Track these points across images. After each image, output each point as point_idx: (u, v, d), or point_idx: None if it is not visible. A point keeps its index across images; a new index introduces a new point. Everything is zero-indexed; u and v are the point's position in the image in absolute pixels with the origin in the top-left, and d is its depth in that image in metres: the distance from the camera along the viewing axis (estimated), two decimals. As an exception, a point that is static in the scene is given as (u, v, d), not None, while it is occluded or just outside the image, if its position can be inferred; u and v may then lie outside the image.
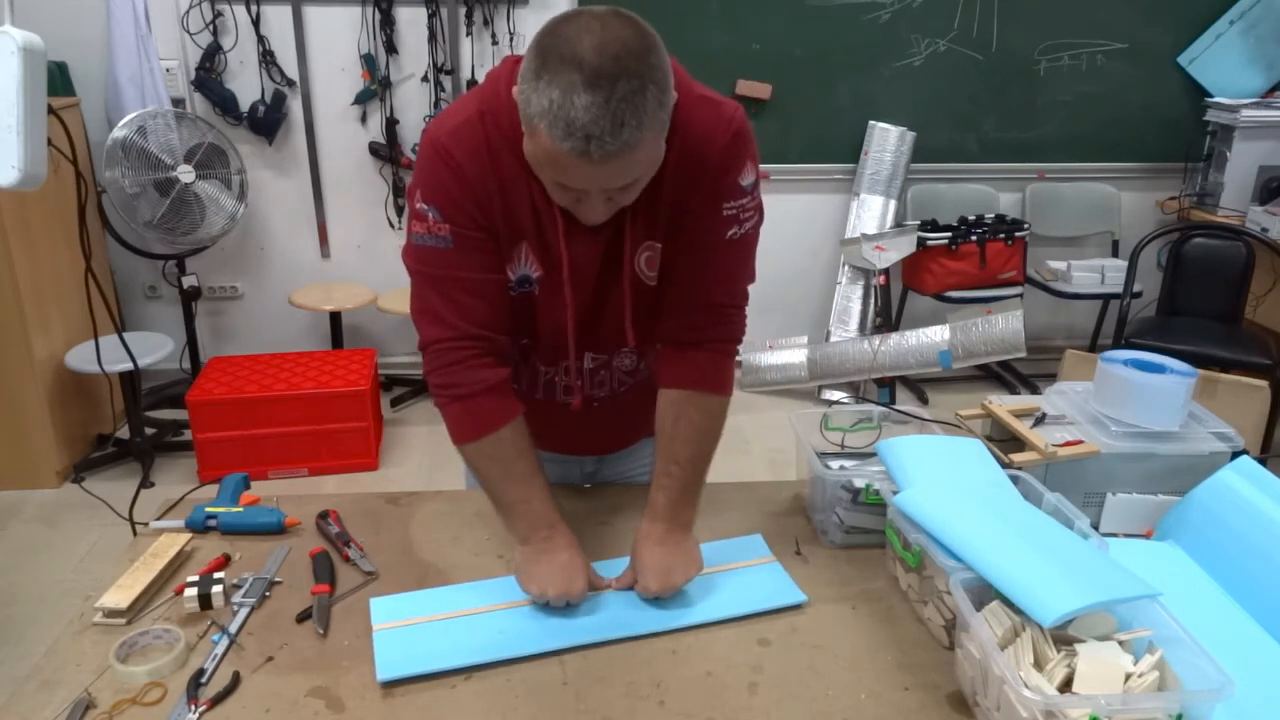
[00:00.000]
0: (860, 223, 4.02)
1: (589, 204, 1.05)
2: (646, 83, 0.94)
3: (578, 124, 0.92)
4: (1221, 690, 0.88)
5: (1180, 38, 3.97)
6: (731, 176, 1.17)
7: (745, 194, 1.19)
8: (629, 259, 1.18)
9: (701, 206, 1.17)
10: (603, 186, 1.02)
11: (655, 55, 0.96)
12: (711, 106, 1.15)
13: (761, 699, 1.04)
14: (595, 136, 0.92)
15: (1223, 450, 1.33)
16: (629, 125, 0.93)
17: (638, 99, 0.93)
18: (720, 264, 1.22)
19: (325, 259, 3.96)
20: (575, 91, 0.92)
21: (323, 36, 3.64)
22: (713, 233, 1.19)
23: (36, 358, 3.12)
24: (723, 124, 1.15)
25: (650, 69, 0.95)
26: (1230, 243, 3.49)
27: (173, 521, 1.35)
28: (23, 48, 1.21)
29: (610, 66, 0.92)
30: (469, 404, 1.17)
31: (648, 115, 0.95)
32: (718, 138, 1.14)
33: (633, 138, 0.94)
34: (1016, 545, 1.06)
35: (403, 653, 1.09)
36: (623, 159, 0.96)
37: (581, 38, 0.93)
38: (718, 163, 1.15)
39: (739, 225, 1.20)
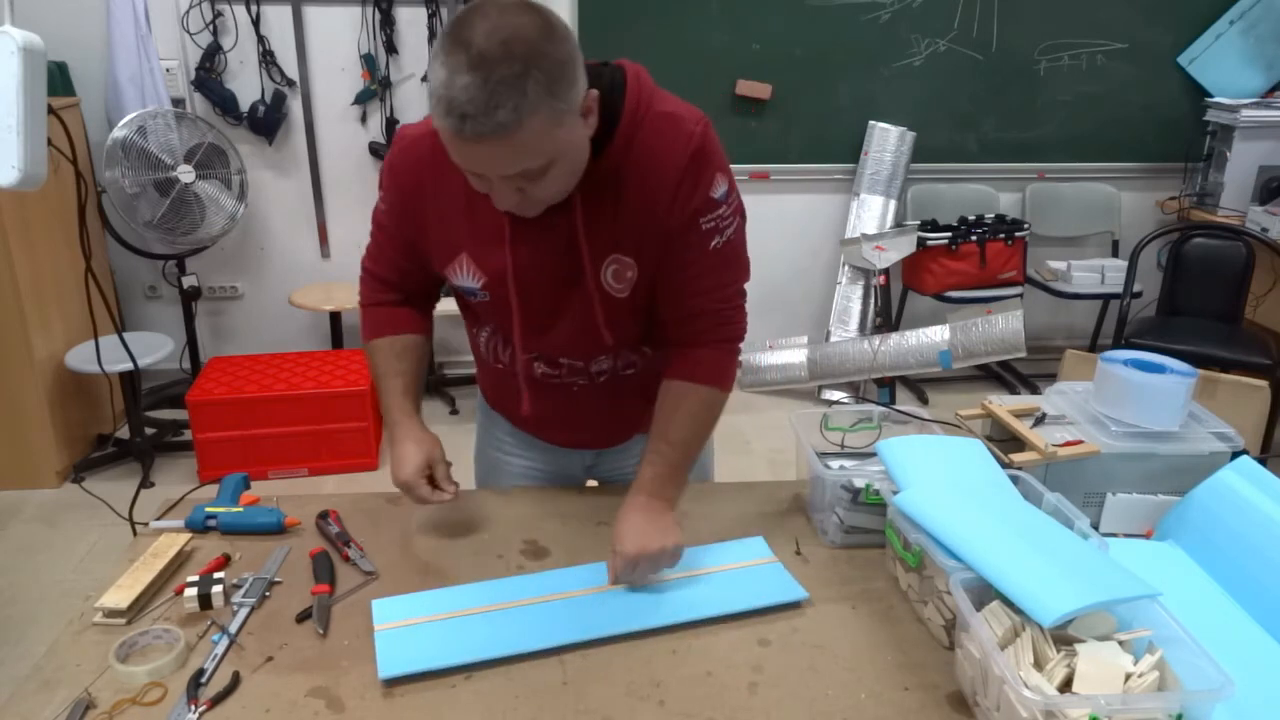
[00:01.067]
0: (860, 223, 4.02)
1: (495, 191, 1.08)
2: (531, 68, 0.96)
3: (455, 102, 0.96)
4: (1221, 690, 0.88)
5: (1180, 38, 3.97)
6: (701, 193, 1.19)
7: (720, 204, 1.21)
8: (589, 271, 1.22)
9: (678, 226, 1.20)
10: (492, 171, 1.05)
11: (552, 45, 0.98)
12: (671, 123, 1.17)
13: (761, 699, 1.04)
14: (470, 115, 0.96)
15: (1223, 450, 1.33)
16: (504, 107, 0.95)
17: (519, 83, 0.95)
18: (710, 274, 1.25)
19: (325, 259, 3.96)
20: (459, 72, 0.96)
21: (323, 36, 3.64)
22: (696, 248, 1.22)
23: (36, 358, 3.12)
24: (681, 142, 1.16)
25: (540, 56, 0.97)
26: (1230, 243, 3.49)
27: (173, 521, 1.35)
28: (23, 48, 1.21)
29: (496, 50, 0.95)
30: (362, 312, 1.41)
31: (528, 100, 0.96)
32: (676, 158, 1.16)
33: (508, 119, 0.96)
34: (1016, 545, 1.06)
35: (404, 651, 1.09)
36: (501, 142, 0.98)
37: (477, 23, 0.97)
38: (682, 182, 1.17)
39: (720, 235, 1.22)
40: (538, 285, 1.24)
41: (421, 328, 1.41)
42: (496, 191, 1.08)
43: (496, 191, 1.08)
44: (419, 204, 1.25)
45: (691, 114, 1.18)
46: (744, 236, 1.28)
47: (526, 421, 1.48)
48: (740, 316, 1.31)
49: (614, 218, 1.19)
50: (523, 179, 1.06)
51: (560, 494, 1.49)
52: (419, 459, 1.28)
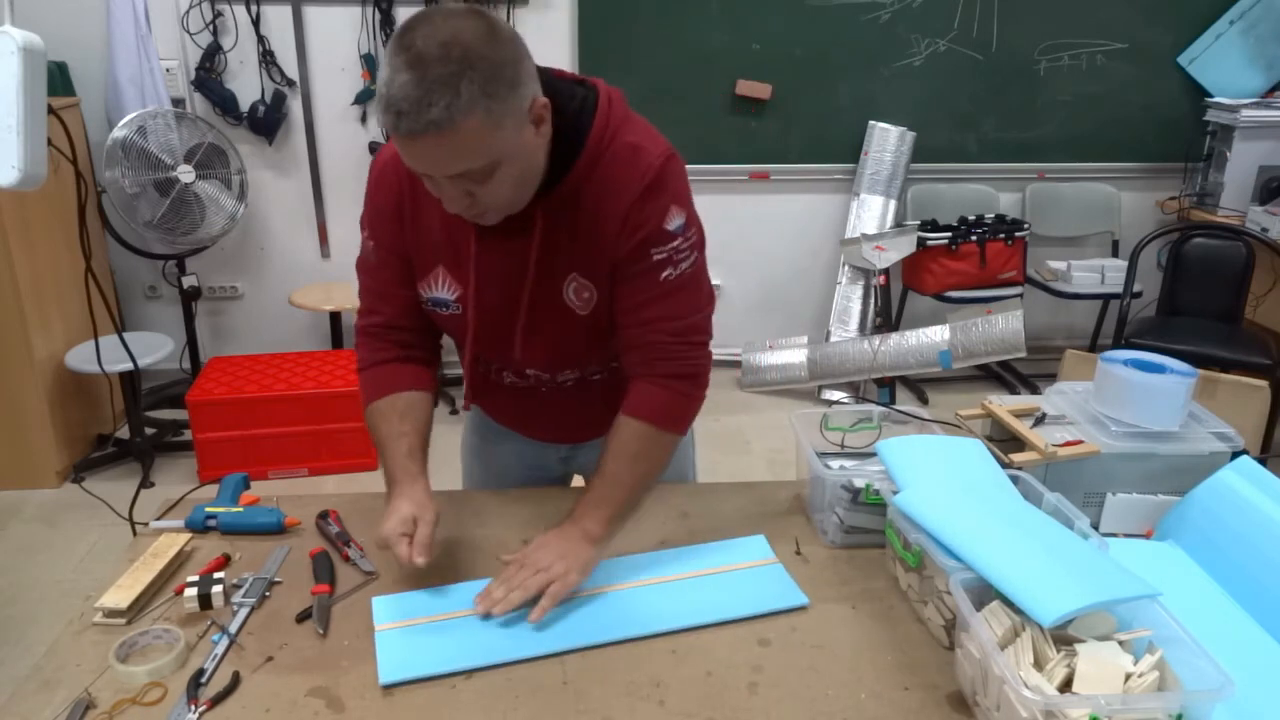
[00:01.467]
0: (860, 223, 4.02)
1: (444, 193, 1.10)
2: (466, 68, 0.98)
3: (392, 99, 0.99)
4: (1221, 690, 0.88)
5: (1180, 38, 3.97)
6: (653, 224, 1.19)
7: (674, 237, 1.21)
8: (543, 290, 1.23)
9: (627, 254, 1.21)
10: (434, 170, 1.06)
11: (490, 48, 1.00)
12: (631, 153, 1.18)
13: (761, 699, 1.04)
14: (404, 112, 0.98)
15: (1223, 450, 1.33)
16: (437, 105, 0.97)
17: (454, 82, 0.98)
18: (661, 306, 1.24)
19: (325, 259, 3.96)
20: (398, 71, 0.98)
21: (323, 36, 3.64)
22: (646, 278, 1.22)
23: (36, 358, 3.12)
24: (637, 174, 1.17)
25: (479, 58, 0.99)
26: (1230, 243, 3.49)
27: (173, 521, 1.35)
28: (23, 48, 1.21)
29: (433, 50, 0.98)
30: (360, 377, 1.36)
31: (463, 99, 0.98)
32: (630, 189, 1.17)
33: (440, 116, 0.98)
34: (1016, 545, 1.06)
35: (404, 655, 1.09)
36: (437, 139, 1.00)
37: (420, 27, 1.00)
38: (633, 214, 1.18)
39: (673, 267, 1.22)
40: (499, 299, 1.25)
41: (425, 383, 1.35)
42: (445, 193, 1.10)
43: (445, 193, 1.10)
44: (400, 223, 1.26)
45: (655, 145, 1.19)
46: (703, 272, 1.27)
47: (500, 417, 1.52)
48: (694, 354, 1.27)
49: (571, 240, 1.20)
50: (468, 181, 1.07)
51: (560, 494, 1.49)
52: (404, 513, 1.20)
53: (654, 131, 1.22)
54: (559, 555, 1.20)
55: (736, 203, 4.00)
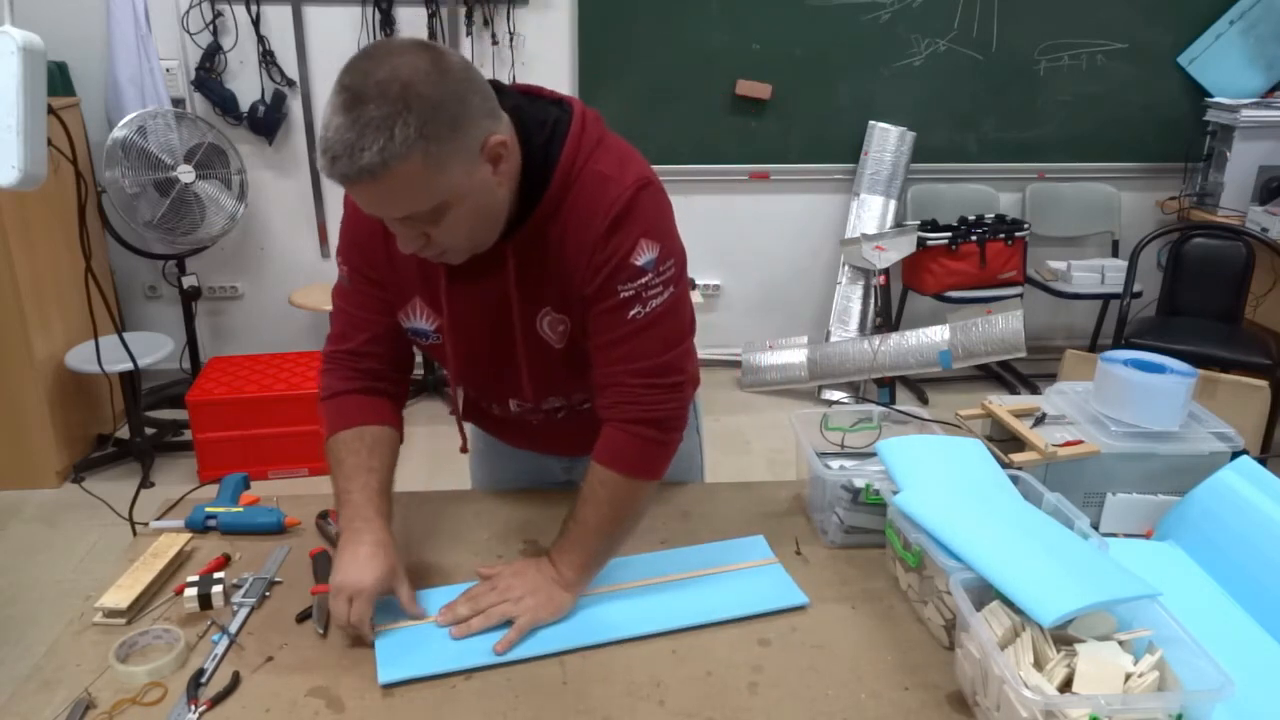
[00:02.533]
0: (860, 223, 4.02)
1: (396, 233, 1.06)
2: (403, 110, 0.93)
3: (327, 143, 0.94)
4: (1221, 690, 0.88)
5: (1180, 38, 3.97)
6: (619, 259, 1.12)
7: (643, 273, 1.13)
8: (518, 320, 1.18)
9: (596, 291, 1.14)
10: (377, 212, 1.03)
11: (433, 87, 0.95)
12: (599, 185, 1.11)
13: (761, 699, 1.04)
14: (337, 157, 0.94)
15: (1223, 450, 1.33)
16: (370, 150, 0.93)
17: (388, 124, 0.93)
18: (629, 346, 1.16)
19: (325, 259, 3.96)
20: (335, 113, 0.94)
21: (323, 36, 3.64)
22: (614, 315, 1.15)
23: (36, 358, 3.12)
24: (603, 207, 1.10)
25: (417, 98, 0.94)
26: (1230, 243, 3.48)
27: (173, 521, 1.35)
28: (23, 48, 1.22)
29: (369, 91, 0.93)
30: (323, 405, 1.27)
31: (397, 143, 0.93)
32: (596, 222, 1.11)
33: (372, 161, 0.93)
34: (1016, 545, 1.06)
35: (403, 655, 1.09)
36: (373, 184, 0.96)
37: (361, 65, 0.95)
38: (599, 248, 1.11)
39: (642, 305, 1.14)
40: (476, 333, 1.22)
41: (393, 420, 1.28)
42: (399, 234, 1.06)
43: (399, 234, 1.06)
44: (374, 254, 1.22)
45: (626, 175, 1.12)
46: (679, 307, 1.18)
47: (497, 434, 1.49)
48: (663, 398, 1.18)
49: (542, 273, 1.15)
50: (419, 222, 1.03)
51: (559, 494, 1.49)
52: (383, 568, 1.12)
53: (631, 156, 1.15)
54: (531, 590, 1.16)
55: (736, 203, 4.00)
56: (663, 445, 1.20)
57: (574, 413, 1.34)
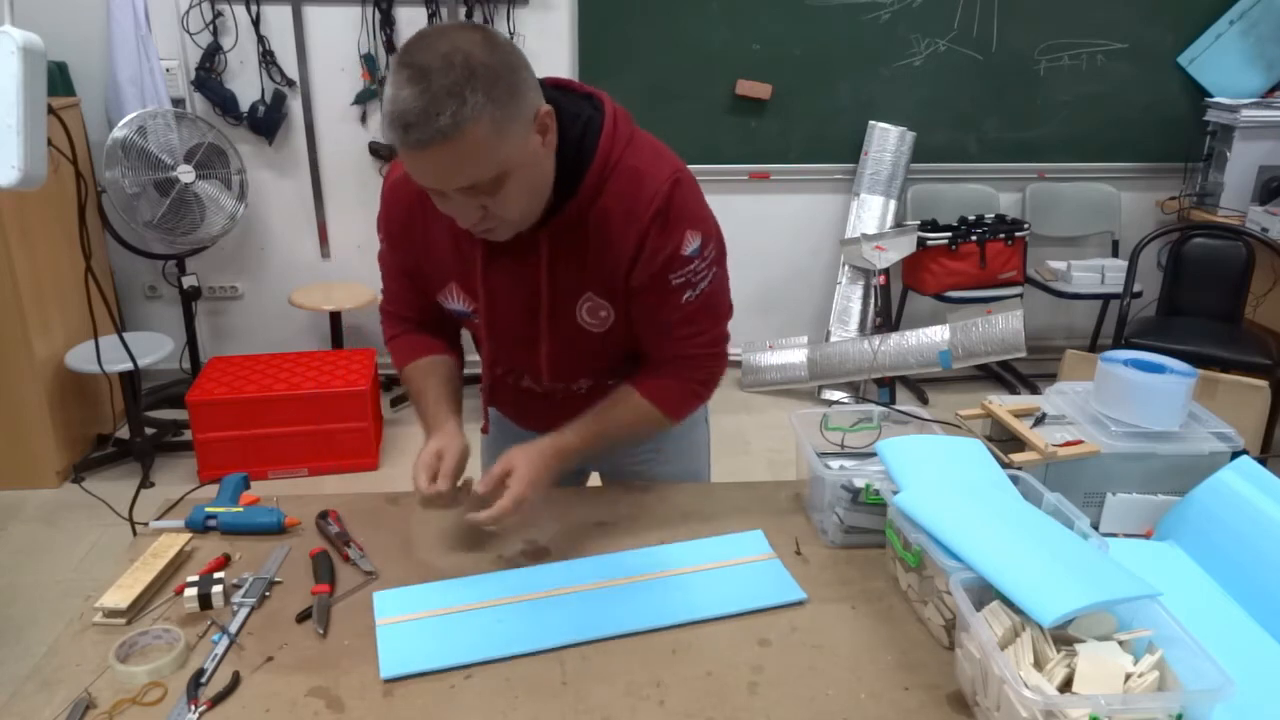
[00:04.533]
0: (860, 223, 4.02)
1: (457, 209, 1.10)
2: (470, 78, 0.99)
3: (398, 114, 1.00)
4: (1221, 690, 0.88)
5: (1180, 38, 3.97)
6: (668, 252, 1.19)
7: (692, 260, 1.21)
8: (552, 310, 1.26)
9: (645, 283, 1.22)
10: (444, 183, 1.06)
11: (492, 56, 1.02)
12: (635, 182, 1.17)
13: (761, 699, 1.04)
14: (411, 124, 1.00)
15: (1223, 450, 1.33)
16: (444, 114, 0.99)
17: (458, 90, 0.99)
18: (684, 325, 1.27)
19: (325, 259, 3.96)
20: (401, 86, 1.00)
21: (323, 36, 3.64)
22: (668, 302, 1.24)
23: (36, 358, 3.12)
24: (643, 204, 1.17)
25: (481, 67, 1.00)
26: (1230, 243, 3.49)
27: (173, 521, 1.35)
28: (22, 48, 1.21)
29: (435, 63, 0.99)
30: (391, 345, 1.46)
31: (469, 107, 0.99)
32: (639, 218, 1.17)
33: (448, 125, 0.99)
34: (1016, 545, 1.06)
35: (405, 649, 1.09)
36: (445, 149, 1.01)
37: (421, 44, 1.02)
38: (644, 244, 1.19)
39: (693, 289, 1.24)
40: (510, 316, 1.29)
41: (450, 350, 1.44)
42: (457, 208, 1.10)
43: (457, 208, 1.10)
44: (411, 243, 1.31)
45: (661, 170, 1.18)
46: (723, 284, 1.30)
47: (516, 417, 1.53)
48: (715, 363, 1.34)
49: (581, 264, 1.22)
50: (479, 194, 1.07)
51: (560, 494, 1.49)
52: (432, 448, 1.28)
53: (661, 151, 1.22)
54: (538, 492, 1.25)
55: (736, 203, 3.99)
56: (701, 399, 1.36)
57: (597, 388, 1.40)
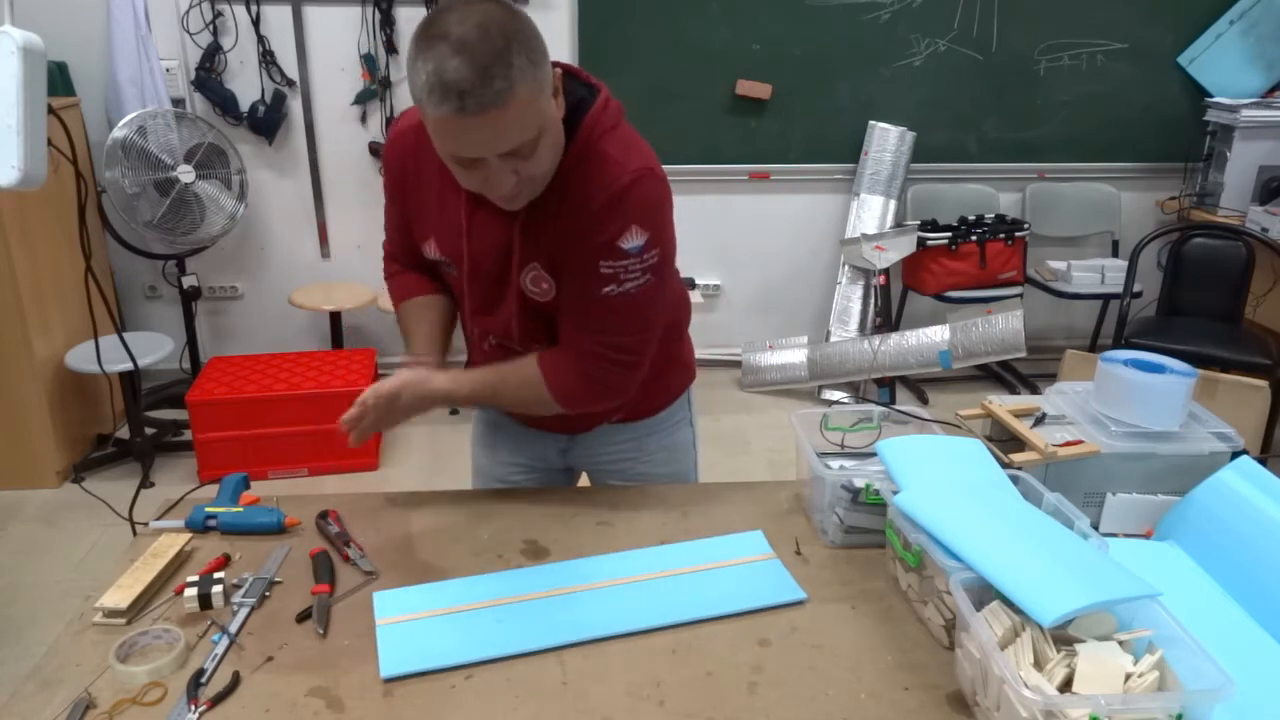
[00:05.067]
0: (860, 223, 4.02)
1: (495, 176, 1.11)
2: (512, 43, 1.03)
3: (450, 84, 1.01)
4: (1221, 690, 0.88)
5: (1180, 38, 3.97)
6: (607, 236, 1.20)
7: (627, 256, 1.21)
8: (515, 268, 1.28)
9: (580, 260, 1.23)
10: (493, 148, 1.08)
11: (520, 23, 1.06)
12: (603, 165, 1.19)
13: (761, 699, 1.04)
14: (468, 92, 1.01)
15: (1223, 450, 1.33)
16: (498, 78, 1.02)
17: (504, 55, 1.02)
18: (597, 316, 1.26)
19: (325, 259, 3.96)
20: (446, 58, 1.01)
21: (323, 36, 3.64)
22: (588, 285, 1.24)
23: (36, 358, 3.12)
24: (604, 185, 1.19)
25: (516, 33, 1.04)
26: (1230, 243, 3.49)
27: (173, 521, 1.35)
28: (22, 47, 1.22)
29: (474, 33, 1.02)
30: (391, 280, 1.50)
31: (516, 69, 1.03)
32: (595, 197, 1.19)
33: (503, 89, 1.02)
34: (1016, 545, 1.06)
35: (406, 649, 1.09)
36: (499, 114, 1.03)
37: (448, 18, 1.04)
38: (593, 222, 1.20)
39: (617, 284, 1.23)
40: (483, 276, 1.32)
41: (436, 287, 1.46)
42: (495, 176, 1.11)
43: (495, 176, 1.11)
44: (404, 188, 1.35)
45: (629, 161, 1.19)
46: (655, 298, 1.27)
47: None
48: (615, 370, 1.29)
49: (540, 234, 1.24)
50: (516, 158, 1.10)
51: (560, 494, 1.50)
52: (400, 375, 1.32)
53: (641, 147, 1.23)
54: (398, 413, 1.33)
55: (736, 203, 4.00)
56: (598, 398, 1.32)
57: None
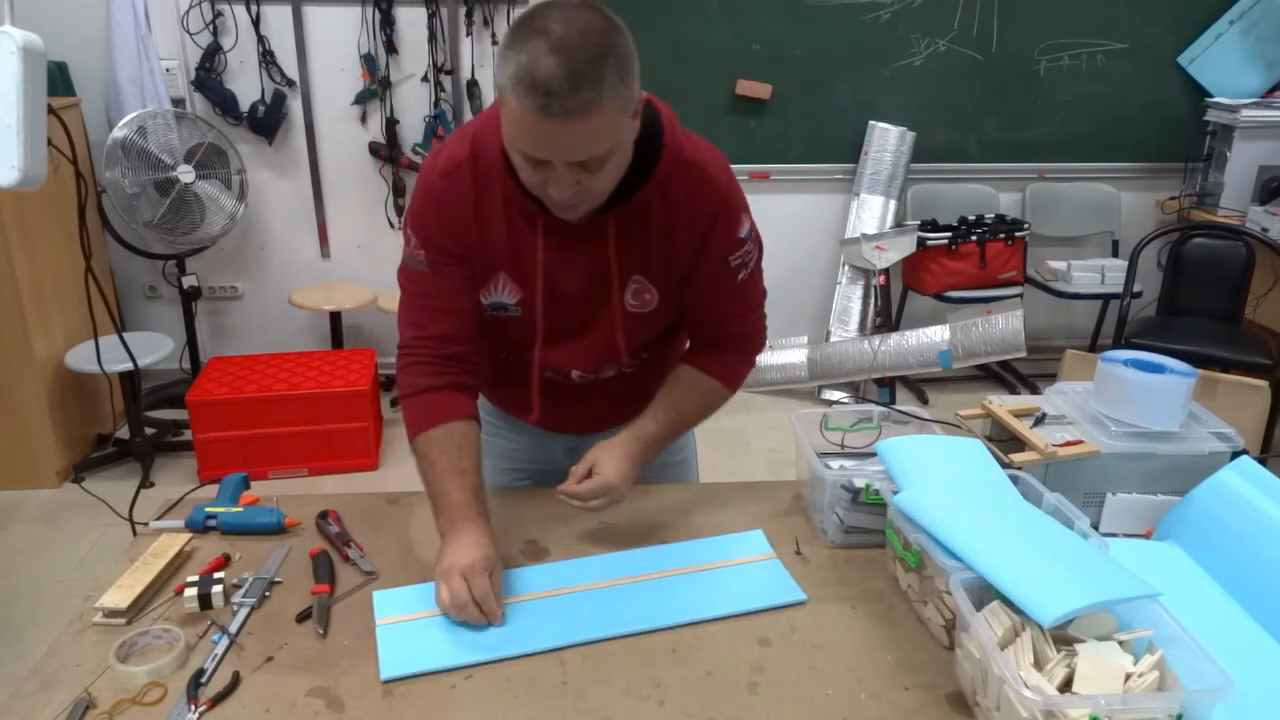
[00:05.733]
0: (860, 223, 4.02)
1: (556, 180, 1.10)
2: (608, 54, 1.02)
3: (539, 81, 1.00)
4: (1221, 690, 0.88)
5: (1180, 38, 3.97)
6: (730, 234, 1.27)
7: (745, 241, 1.29)
8: (617, 293, 1.28)
9: (711, 264, 1.28)
10: (565, 154, 1.07)
11: (620, 38, 1.06)
12: (700, 174, 1.23)
13: (761, 699, 1.04)
14: (555, 92, 1.00)
15: (1223, 450, 1.33)
16: (587, 86, 1.01)
17: (598, 65, 1.01)
18: (738, 302, 1.36)
19: (325, 259, 3.96)
20: (540, 54, 1.00)
21: (323, 36, 3.64)
22: (726, 283, 1.31)
23: (36, 358, 3.12)
24: (710, 193, 1.24)
25: (613, 46, 1.04)
26: (1230, 243, 3.49)
27: (173, 521, 1.35)
28: (22, 48, 1.22)
29: (574, 37, 1.01)
30: (409, 403, 1.29)
31: (607, 84, 1.02)
32: (707, 208, 1.24)
33: (590, 98, 1.01)
34: (1016, 545, 1.06)
35: (405, 650, 1.09)
36: (581, 121, 1.03)
37: (551, 15, 1.03)
38: (712, 231, 1.25)
39: (745, 269, 1.32)
40: (566, 302, 1.29)
41: (475, 413, 1.30)
42: (558, 181, 1.10)
43: (558, 181, 1.10)
44: (465, 231, 1.24)
45: (717, 160, 1.26)
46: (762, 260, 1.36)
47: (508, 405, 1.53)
48: (761, 335, 1.42)
49: (642, 248, 1.25)
50: (583, 170, 1.09)
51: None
52: (488, 551, 1.17)
53: (704, 143, 1.27)
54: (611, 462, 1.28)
55: (736, 203, 3.99)
56: (751, 366, 1.43)
57: (618, 377, 1.42)
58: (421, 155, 3.76)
